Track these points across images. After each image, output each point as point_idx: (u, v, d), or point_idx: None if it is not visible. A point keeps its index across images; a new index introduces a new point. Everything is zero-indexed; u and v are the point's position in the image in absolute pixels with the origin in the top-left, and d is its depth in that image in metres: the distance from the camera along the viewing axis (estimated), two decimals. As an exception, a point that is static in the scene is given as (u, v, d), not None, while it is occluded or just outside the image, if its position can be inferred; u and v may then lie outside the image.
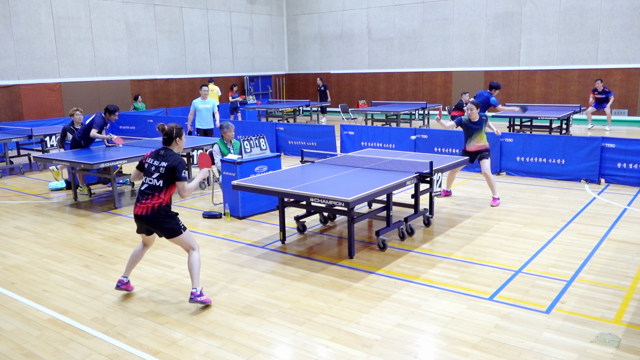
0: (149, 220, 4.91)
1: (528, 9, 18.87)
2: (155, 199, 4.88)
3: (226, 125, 8.49)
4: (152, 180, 4.92)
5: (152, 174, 4.92)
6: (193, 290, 4.88)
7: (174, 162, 4.87)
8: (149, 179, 4.94)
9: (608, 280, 5.28)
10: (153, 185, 4.91)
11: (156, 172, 4.90)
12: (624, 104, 17.80)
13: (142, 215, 4.91)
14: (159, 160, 4.93)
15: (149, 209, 4.87)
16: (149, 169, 4.97)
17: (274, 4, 24.87)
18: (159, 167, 4.91)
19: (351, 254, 6.10)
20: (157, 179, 4.89)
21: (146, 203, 4.87)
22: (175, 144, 5.02)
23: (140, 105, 18.88)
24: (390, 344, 4.22)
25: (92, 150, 9.41)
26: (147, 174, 4.97)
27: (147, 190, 4.91)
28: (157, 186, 4.89)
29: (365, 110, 17.29)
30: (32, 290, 5.49)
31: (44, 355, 4.21)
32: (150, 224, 4.93)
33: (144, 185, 4.96)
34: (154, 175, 4.91)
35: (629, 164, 9.23)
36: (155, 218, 4.88)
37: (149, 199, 4.88)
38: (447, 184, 8.80)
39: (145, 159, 5.07)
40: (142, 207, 4.90)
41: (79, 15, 17.79)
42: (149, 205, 4.86)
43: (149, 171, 4.96)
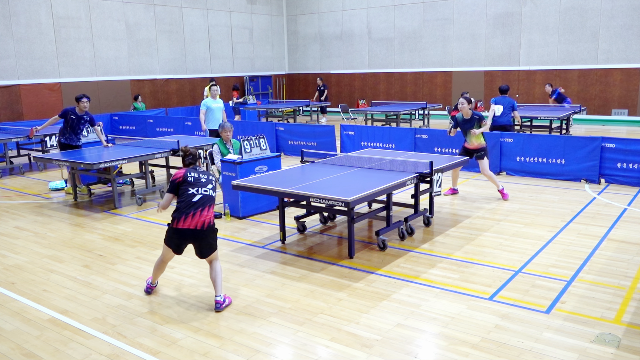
0: (201, 235, 4.74)
1: (528, 9, 18.88)
2: (211, 210, 4.81)
3: (224, 125, 8.49)
4: (207, 190, 4.82)
5: (206, 185, 4.84)
6: (217, 299, 4.85)
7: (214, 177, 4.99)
8: (202, 189, 4.80)
9: (608, 280, 5.28)
10: (210, 197, 4.81)
11: (210, 184, 4.87)
12: (624, 104, 17.81)
13: (197, 230, 4.70)
14: (206, 175, 4.92)
15: (207, 222, 4.74)
16: (198, 181, 4.83)
17: (274, 4, 24.88)
18: (210, 180, 4.89)
19: (351, 254, 6.10)
20: (213, 190, 4.86)
21: (203, 216, 4.72)
22: (199, 164, 5.08)
23: (140, 105, 18.88)
24: (390, 344, 4.22)
25: (87, 150, 9.41)
26: (198, 186, 4.81)
27: (205, 201, 4.76)
28: (213, 197, 4.83)
29: (365, 110, 17.29)
30: (32, 290, 5.49)
31: (44, 355, 4.21)
32: (202, 240, 4.77)
33: (197, 196, 4.75)
34: (208, 185, 4.85)
35: (629, 164, 9.23)
36: (208, 233, 4.77)
37: (205, 211, 4.74)
38: (452, 182, 8.90)
39: (181, 178, 4.86)
40: (197, 221, 4.70)
41: (79, 15, 17.79)
42: (206, 218, 4.73)
43: (200, 183, 4.83)
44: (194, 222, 4.70)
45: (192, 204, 4.73)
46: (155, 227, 7.59)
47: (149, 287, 5.26)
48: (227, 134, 8.47)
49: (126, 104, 19.30)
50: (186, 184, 4.83)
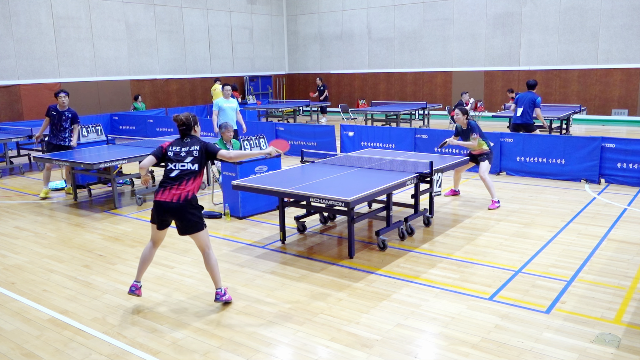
0: (179, 209, 4.63)
1: (528, 9, 18.88)
2: (190, 185, 4.67)
3: (225, 125, 8.50)
4: (185, 164, 4.71)
5: (184, 159, 4.72)
6: (218, 290, 4.87)
7: (204, 143, 4.80)
8: (180, 164, 4.71)
9: (608, 280, 5.28)
10: (189, 170, 4.69)
11: (189, 156, 4.72)
12: (624, 104, 17.81)
13: (172, 203, 4.62)
14: (188, 146, 4.77)
15: (182, 196, 4.61)
16: (177, 156, 4.75)
17: (274, 4, 24.88)
18: (191, 151, 4.74)
19: (351, 254, 6.10)
20: (192, 163, 4.71)
21: (180, 189, 4.62)
22: (194, 131, 4.92)
23: (140, 105, 18.87)
24: (390, 344, 4.22)
25: (87, 150, 9.41)
26: (176, 161, 4.74)
27: (181, 175, 4.67)
28: (192, 170, 4.69)
29: (365, 110, 17.29)
30: (32, 290, 5.49)
31: (44, 355, 4.21)
32: (178, 214, 4.66)
33: (174, 172, 4.70)
34: (187, 159, 4.72)
35: (629, 164, 9.23)
36: (185, 207, 4.63)
37: (182, 185, 4.64)
38: (454, 184, 8.81)
39: (165, 149, 4.83)
40: (173, 193, 4.62)
41: (79, 15, 17.79)
42: (182, 192, 4.62)
43: (179, 157, 4.74)
44: (170, 195, 4.63)
45: (170, 179, 4.70)
46: (155, 227, 7.59)
47: (133, 286, 5.02)
48: (228, 134, 8.49)
49: (126, 104, 19.30)
50: (167, 159, 4.80)
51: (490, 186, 8.09)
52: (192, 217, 4.69)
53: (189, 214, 4.67)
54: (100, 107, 18.71)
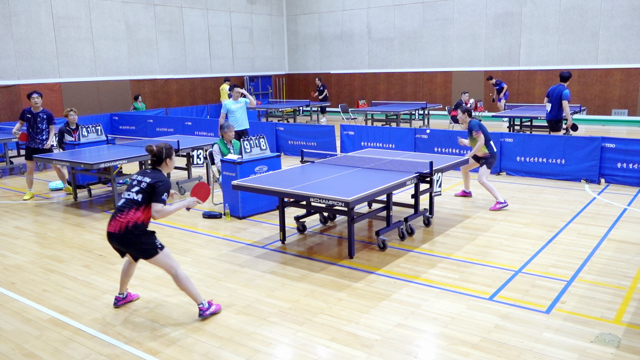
0: (121, 239, 4.49)
1: (528, 9, 18.88)
2: (132, 214, 4.45)
3: (226, 125, 8.51)
4: (130, 194, 4.52)
5: (132, 188, 4.54)
6: (200, 306, 4.71)
7: (157, 180, 4.50)
8: (127, 193, 4.55)
9: (608, 280, 5.28)
10: (131, 199, 4.49)
11: (137, 187, 4.52)
12: (624, 104, 17.81)
13: (114, 233, 4.48)
14: (143, 176, 4.57)
15: (123, 226, 4.44)
16: (131, 183, 4.60)
17: (274, 4, 24.88)
18: (140, 182, 4.53)
19: (351, 254, 6.10)
20: (137, 193, 4.49)
21: (121, 219, 4.46)
22: (165, 165, 4.70)
23: (140, 105, 18.88)
24: (390, 344, 4.22)
25: (87, 150, 9.41)
26: (128, 189, 4.59)
27: (124, 205, 4.50)
28: (135, 200, 4.47)
29: (365, 110, 17.29)
30: (32, 290, 5.49)
31: (44, 355, 4.21)
32: (122, 243, 4.52)
33: (121, 201, 4.56)
34: (133, 189, 4.53)
35: (629, 164, 9.23)
36: (128, 237, 4.46)
37: (124, 214, 4.46)
38: (464, 185, 8.75)
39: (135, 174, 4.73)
40: (115, 223, 4.49)
41: (79, 15, 17.79)
42: (123, 221, 4.45)
43: (130, 185, 4.59)
44: (112, 225, 4.50)
45: (116, 209, 4.56)
46: (155, 227, 7.56)
47: (116, 299, 5.00)
48: (229, 134, 8.48)
49: (126, 104, 19.30)
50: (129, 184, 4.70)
51: (491, 189, 8.01)
52: (141, 245, 4.51)
53: (136, 242, 4.49)
54: (100, 107, 18.72)
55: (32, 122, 9.27)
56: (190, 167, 9.90)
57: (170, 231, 7.37)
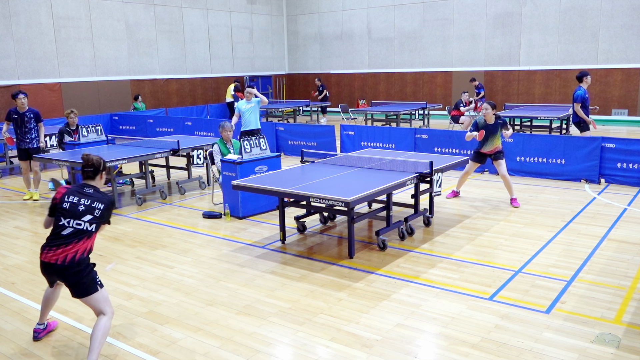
0: (63, 271, 3.99)
1: (528, 9, 18.88)
2: (80, 245, 4.01)
3: (223, 124, 8.49)
4: (81, 223, 4.02)
5: (83, 216, 4.03)
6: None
7: (109, 202, 4.18)
8: (75, 222, 4.01)
9: (608, 280, 5.28)
10: (82, 230, 4.02)
11: (89, 215, 4.04)
12: (624, 104, 17.81)
13: (56, 265, 3.97)
14: (89, 200, 4.08)
15: (68, 257, 3.97)
16: (75, 209, 4.03)
17: (274, 4, 24.87)
18: (93, 209, 4.06)
19: (351, 254, 6.10)
20: (90, 223, 4.04)
21: (66, 250, 3.97)
22: (99, 178, 4.27)
23: (140, 105, 18.88)
24: (390, 344, 4.22)
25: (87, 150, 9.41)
26: (71, 217, 4.02)
27: (72, 234, 4.00)
28: (87, 231, 4.03)
29: (365, 110, 17.29)
30: (32, 290, 5.49)
31: (44, 355, 4.21)
32: (63, 275, 4.02)
33: (67, 230, 4.00)
34: (84, 217, 4.03)
35: (629, 164, 9.23)
36: (72, 269, 3.98)
37: (70, 245, 3.98)
38: (457, 184, 8.75)
39: (59, 200, 4.08)
40: (57, 254, 3.97)
41: (79, 15, 17.79)
42: (69, 252, 3.97)
43: (75, 212, 4.03)
44: (53, 256, 3.98)
45: (60, 237, 4.01)
46: (155, 227, 7.60)
47: (36, 331, 4.47)
48: (227, 134, 8.47)
49: (126, 104, 19.30)
50: (60, 210, 4.05)
51: (511, 185, 8.19)
52: (83, 279, 4.04)
53: (79, 275, 4.02)
54: (100, 107, 18.71)
55: (19, 123, 9.19)
56: (190, 167, 9.91)
57: (170, 231, 7.37)
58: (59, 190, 4.15)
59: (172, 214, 8.24)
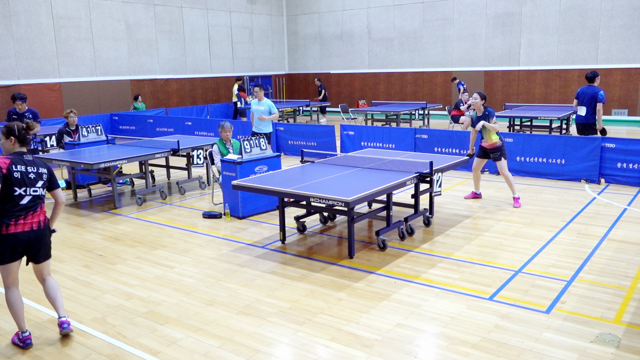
0: (39, 238, 4.23)
1: (528, 9, 18.88)
2: (43, 210, 4.30)
3: (223, 125, 8.48)
4: (37, 189, 4.22)
5: (35, 183, 4.21)
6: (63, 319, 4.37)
7: (48, 166, 4.38)
8: (32, 189, 4.19)
9: (608, 280, 5.28)
10: (39, 196, 4.25)
11: (40, 180, 4.25)
12: (624, 104, 17.81)
13: (31, 231, 4.17)
14: (34, 167, 4.24)
15: (41, 223, 4.24)
16: (25, 177, 4.16)
17: (274, 4, 24.87)
18: (41, 174, 4.26)
19: (351, 254, 6.10)
20: (43, 188, 4.27)
21: (35, 215, 4.21)
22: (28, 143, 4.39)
23: (140, 105, 18.88)
24: (390, 344, 4.22)
25: (87, 150, 9.41)
26: (26, 185, 4.16)
27: (32, 202, 4.19)
28: (42, 196, 4.27)
29: (365, 110, 17.29)
30: (32, 290, 5.49)
31: (44, 356, 4.21)
32: (39, 242, 4.25)
33: (25, 198, 4.15)
34: (37, 184, 4.22)
35: (629, 164, 9.23)
36: (44, 234, 4.27)
37: (37, 211, 4.23)
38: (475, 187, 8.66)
39: (7, 170, 4.09)
40: (29, 221, 4.17)
41: (79, 15, 17.79)
42: (39, 217, 4.24)
43: (28, 180, 4.17)
44: (27, 225, 4.16)
45: (21, 206, 4.14)
46: (155, 227, 7.60)
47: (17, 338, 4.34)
48: (227, 134, 8.46)
49: (126, 104, 19.30)
50: (11, 181, 4.10)
51: (512, 184, 8.12)
52: (48, 242, 4.36)
53: (48, 239, 4.37)
54: (100, 107, 18.71)
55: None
56: (190, 167, 9.90)
57: (170, 231, 7.37)
58: (2, 160, 4.13)
59: (172, 214, 8.24)
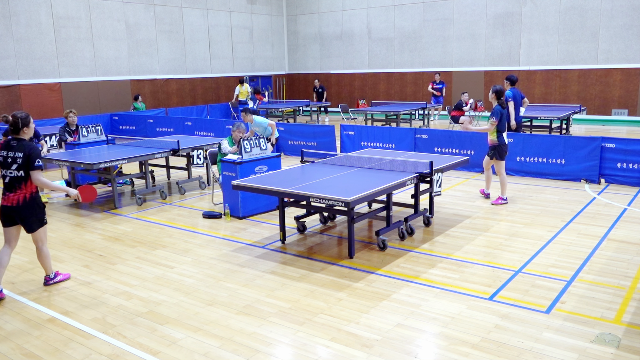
0: (21, 210, 5.07)
1: (528, 9, 18.88)
2: (23, 189, 5.05)
3: (239, 125, 8.43)
4: (12, 172, 5.03)
5: (11, 166, 5.02)
6: (46, 277, 5.49)
7: (29, 150, 5.01)
8: (9, 172, 5.04)
9: (608, 280, 5.28)
10: (16, 177, 5.04)
11: (14, 164, 5.01)
12: (624, 104, 17.81)
13: (13, 206, 5.05)
14: (13, 151, 5.03)
15: (20, 199, 5.04)
16: (5, 162, 5.05)
17: (274, 4, 24.87)
18: (15, 158, 5.01)
19: (351, 254, 6.10)
20: (17, 170, 5.01)
21: (16, 194, 5.04)
22: (23, 133, 5.10)
23: (140, 105, 18.87)
24: (390, 344, 4.22)
25: (87, 150, 9.41)
26: (6, 167, 5.06)
27: (10, 183, 5.06)
28: (19, 177, 5.03)
29: (365, 110, 17.29)
30: (32, 290, 5.49)
31: (44, 355, 4.21)
32: (19, 216, 5.10)
33: (7, 179, 5.08)
34: (12, 167, 5.02)
35: (629, 164, 9.23)
36: (25, 209, 5.07)
37: (17, 190, 5.04)
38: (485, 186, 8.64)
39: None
40: (11, 198, 5.05)
41: (79, 15, 17.79)
42: (20, 196, 5.04)
43: (6, 164, 5.05)
44: (9, 200, 5.06)
45: (6, 185, 5.08)
46: (155, 227, 7.60)
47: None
48: (239, 135, 8.33)
49: (126, 104, 19.30)
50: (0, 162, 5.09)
51: (504, 184, 8.19)
52: (37, 215, 5.16)
53: (34, 212, 5.13)
54: (100, 107, 18.72)
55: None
56: (190, 167, 9.90)
57: (170, 231, 7.37)
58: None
59: (172, 214, 8.24)
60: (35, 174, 5.04)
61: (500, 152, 8.11)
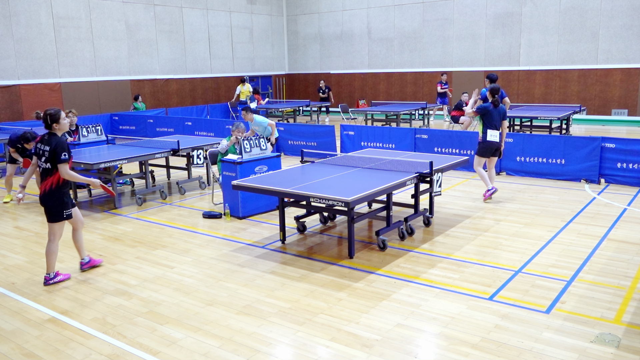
0: (42, 200, 5.43)
1: (528, 9, 18.88)
2: (49, 180, 5.39)
3: (239, 125, 8.42)
4: (42, 164, 5.42)
5: (42, 158, 5.41)
6: (46, 276, 5.58)
7: (54, 145, 5.32)
8: (41, 163, 5.43)
9: (608, 280, 5.29)
10: (45, 169, 5.41)
11: (43, 156, 5.40)
12: (624, 104, 17.81)
13: (40, 195, 5.46)
14: (44, 145, 5.40)
15: (46, 189, 5.39)
16: (39, 153, 5.44)
17: (274, 4, 24.87)
18: (44, 152, 5.39)
19: (351, 254, 6.10)
20: (46, 162, 5.38)
21: (43, 184, 5.42)
22: (54, 128, 5.41)
23: (140, 105, 18.87)
24: (390, 344, 4.22)
25: (87, 150, 9.41)
26: (39, 158, 5.45)
27: (42, 173, 5.45)
28: (48, 169, 5.38)
29: (365, 110, 17.29)
30: (32, 290, 5.49)
31: (44, 355, 4.21)
32: (44, 203, 5.45)
33: (41, 169, 5.47)
34: (42, 159, 5.41)
35: (629, 164, 9.23)
36: (48, 198, 5.40)
37: (45, 180, 5.41)
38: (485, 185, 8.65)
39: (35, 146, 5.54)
40: (41, 188, 5.46)
41: (79, 15, 17.79)
42: (46, 185, 5.40)
43: (39, 156, 5.44)
44: (40, 189, 5.49)
45: (40, 175, 5.50)
46: (155, 227, 7.60)
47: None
48: (238, 134, 8.31)
49: (126, 104, 19.30)
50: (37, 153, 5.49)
51: (482, 177, 8.36)
52: (50, 208, 5.45)
53: (54, 203, 5.43)
54: (100, 107, 18.72)
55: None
56: (190, 167, 9.90)
57: (170, 231, 7.37)
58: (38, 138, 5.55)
59: (172, 214, 8.24)
60: (61, 167, 5.31)
61: (480, 149, 8.30)
